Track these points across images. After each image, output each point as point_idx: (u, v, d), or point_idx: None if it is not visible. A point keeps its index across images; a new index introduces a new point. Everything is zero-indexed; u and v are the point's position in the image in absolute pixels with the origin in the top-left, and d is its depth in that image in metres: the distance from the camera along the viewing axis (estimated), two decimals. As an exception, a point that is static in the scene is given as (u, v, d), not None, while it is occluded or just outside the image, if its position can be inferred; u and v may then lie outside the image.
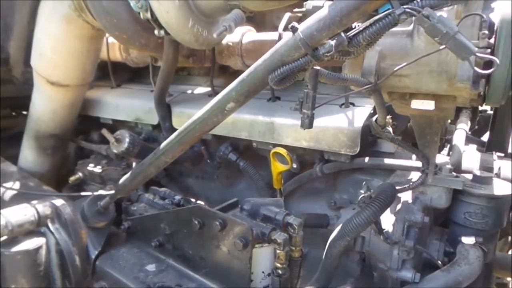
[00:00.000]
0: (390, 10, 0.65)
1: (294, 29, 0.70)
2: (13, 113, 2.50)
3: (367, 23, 0.67)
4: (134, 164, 1.72)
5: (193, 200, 1.41)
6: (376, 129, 1.13)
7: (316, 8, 0.79)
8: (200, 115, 0.89)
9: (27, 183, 1.72)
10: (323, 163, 1.38)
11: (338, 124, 1.25)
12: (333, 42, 0.69)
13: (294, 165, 1.43)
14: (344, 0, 0.67)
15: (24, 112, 2.48)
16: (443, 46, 0.71)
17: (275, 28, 1.65)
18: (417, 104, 0.98)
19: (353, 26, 0.70)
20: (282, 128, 1.35)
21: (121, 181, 1.17)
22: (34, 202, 1.21)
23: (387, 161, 1.24)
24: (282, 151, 1.15)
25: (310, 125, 0.80)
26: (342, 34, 0.69)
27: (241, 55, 1.46)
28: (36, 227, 1.20)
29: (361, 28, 0.68)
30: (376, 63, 0.88)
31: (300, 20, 1.50)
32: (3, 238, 1.17)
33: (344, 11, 0.66)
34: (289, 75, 0.74)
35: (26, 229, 1.16)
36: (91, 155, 2.08)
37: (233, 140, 1.56)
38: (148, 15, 1.09)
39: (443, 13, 0.73)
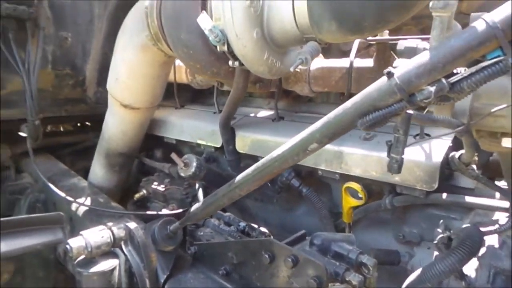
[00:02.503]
0: (501, 58, 0.60)
1: (390, 74, 0.67)
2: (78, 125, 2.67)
3: (473, 69, 0.63)
4: (197, 185, 1.75)
5: (255, 226, 1.40)
6: (458, 166, 1.06)
7: (408, 49, 0.76)
8: (280, 152, 0.88)
9: (97, 199, 1.82)
10: (393, 195, 1.32)
11: (413, 157, 1.19)
12: (432, 89, 0.65)
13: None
14: (447, 45, 0.63)
15: (88, 123, 2.65)
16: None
17: (341, 53, 1.63)
18: (510, 143, 0.91)
19: (456, 71, 0.66)
20: (351, 158, 1.31)
21: (192, 208, 1.19)
22: (110, 224, 1.27)
23: (469, 199, 1.15)
24: (356, 186, 1.12)
25: (399, 170, 0.76)
26: (443, 80, 0.65)
27: (309, 82, 1.45)
28: (110, 248, 1.25)
29: (465, 75, 0.64)
30: (469, 103, 0.83)
31: (368, 47, 1.47)
32: (80, 258, 1.23)
33: (448, 57, 0.62)
34: (380, 120, 0.71)
35: (102, 250, 1.22)
36: (151, 170, 2.17)
37: (296, 165, 1.54)
38: (225, 48, 1.11)
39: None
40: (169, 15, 1.20)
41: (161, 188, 1.86)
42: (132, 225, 1.27)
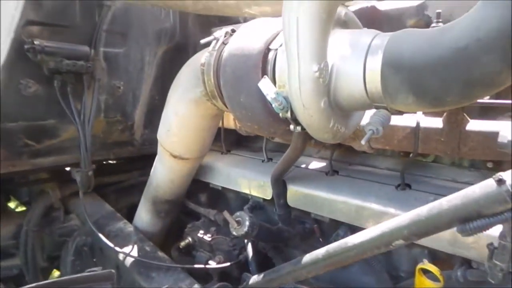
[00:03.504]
0: None
1: (501, 182, 0.59)
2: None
3: None
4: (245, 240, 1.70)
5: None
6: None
7: (513, 144, 0.68)
8: (358, 241, 0.81)
9: (144, 247, 1.80)
10: (466, 267, 1.20)
11: (495, 233, 1.07)
12: (554, 200, 0.57)
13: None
14: None
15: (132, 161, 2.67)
16: None
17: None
18: None
19: None
20: (419, 227, 1.21)
21: (251, 280, 1.13)
22: (164, 289, 1.23)
23: (561, 284, 1.02)
24: (433, 269, 1.02)
25: (503, 281, 0.67)
26: None
27: (368, 139, 1.37)
28: (164, 316, 1.21)
29: None
30: None
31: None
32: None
33: None
34: (485, 228, 0.63)
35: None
36: (194, 212, 2.13)
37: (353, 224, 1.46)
38: (288, 115, 1.07)
39: None
40: (228, 78, 1.18)
41: (207, 237, 1.82)
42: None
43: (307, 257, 0.94)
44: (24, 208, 2.61)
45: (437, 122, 1.24)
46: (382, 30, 1.50)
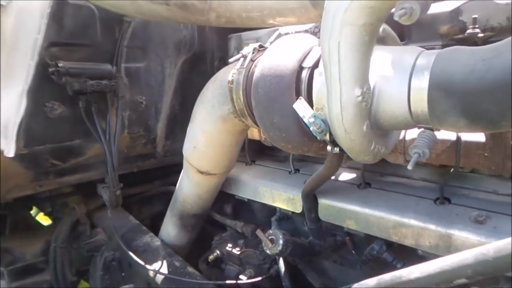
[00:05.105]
0: None
1: None
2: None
3: None
4: (276, 254, 1.67)
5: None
6: None
7: None
8: (413, 277, 0.78)
9: (173, 263, 1.80)
10: (513, 285, 1.16)
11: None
12: None
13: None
14: None
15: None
16: None
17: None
18: None
19: None
20: (463, 245, 1.17)
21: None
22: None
23: None
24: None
25: None
26: None
27: (404, 153, 1.33)
28: None
29: None
30: None
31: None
32: None
33: None
34: None
35: None
36: (217, 222, 2.12)
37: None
38: (327, 137, 1.04)
39: None
40: (261, 99, 1.15)
41: (236, 251, 1.80)
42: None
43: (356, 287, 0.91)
44: (49, 222, 2.63)
45: (479, 136, 1.19)
46: (412, 37, 1.46)
